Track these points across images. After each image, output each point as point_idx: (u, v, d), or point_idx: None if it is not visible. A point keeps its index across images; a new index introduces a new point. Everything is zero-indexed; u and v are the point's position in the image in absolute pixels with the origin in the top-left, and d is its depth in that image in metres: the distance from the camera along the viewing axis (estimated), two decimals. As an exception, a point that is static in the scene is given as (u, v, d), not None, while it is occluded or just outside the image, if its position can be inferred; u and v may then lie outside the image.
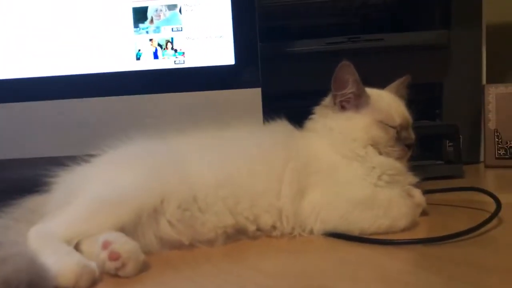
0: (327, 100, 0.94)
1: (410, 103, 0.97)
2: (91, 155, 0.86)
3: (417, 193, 0.88)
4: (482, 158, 1.38)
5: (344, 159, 0.87)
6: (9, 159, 1.05)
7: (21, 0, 1.00)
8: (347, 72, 0.89)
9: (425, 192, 0.92)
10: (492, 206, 0.85)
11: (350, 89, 0.89)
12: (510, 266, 0.66)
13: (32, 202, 0.83)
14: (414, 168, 0.93)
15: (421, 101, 1.30)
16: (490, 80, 1.37)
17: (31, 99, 1.00)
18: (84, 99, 1.00)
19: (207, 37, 1.00)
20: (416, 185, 0.91)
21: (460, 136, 1.27)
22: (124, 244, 0.68)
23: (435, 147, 1.34)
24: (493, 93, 1.33)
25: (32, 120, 1.00)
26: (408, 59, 1.33)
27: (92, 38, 1.01)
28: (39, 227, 0.73)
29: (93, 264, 0.66)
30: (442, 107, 1.37)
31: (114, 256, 0.67)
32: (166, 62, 1.01)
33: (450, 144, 1.29)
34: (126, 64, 1.01)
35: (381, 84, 0.99)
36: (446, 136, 1.29)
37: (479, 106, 1.36)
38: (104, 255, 0.67)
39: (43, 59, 1.01)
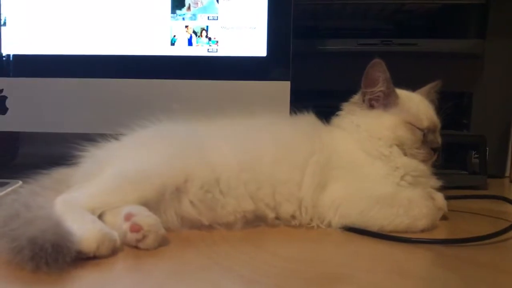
0: (356, 97, 0.95)
1: (439, 111, 0.97)
2: (122, 134, 0.88)
3: (439, 197, 0.88)
4: (508, 173, 1.36)
5: (368, 157, 0.87)
6: (45, 132, 1.09)
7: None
8: (378, 70, 0.89)
9: (447, 197, 0.92)
10: (515, 216, 0.84)
11: (380, 87, 0.90)
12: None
13: (61, 173, 0.85)
14: (437, 175, 0.93)
15: (449, 110, 1.30)
16: (522, 94, 1.35)
17: (69, 76, 1.03)
18: (119, 79, 1.03)
19: (241, 27, 1.02)
20: (439, 190, 0.91)
21: (487, 148, 1.25)
22: (146, 217, 0.70)
23: (460, 157, 1.33)
24: (524, 107, 1.31)
25: (69, 96, 1.03)
26: (440, 66, 1.31)
27: (131, 21, 1.03)
28: (66, 196, 0.76)
29: (115, 233, 0.68)
30: (470, 117, 1.36)
31: (135, 228, 0.69)
32: (200, 49, 1.03)
33: (476, 155, 1.27)
34: (161, 48, 1.03)
35: (411, 89, 0.99)
36: (473, 146, 1.28)
37: (509, 119, 1.34)
38: (126, 226, 0.69)
39: (83, 38, 1.04)
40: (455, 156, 1.34)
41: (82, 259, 0.63)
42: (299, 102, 1.00)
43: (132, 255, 0.68)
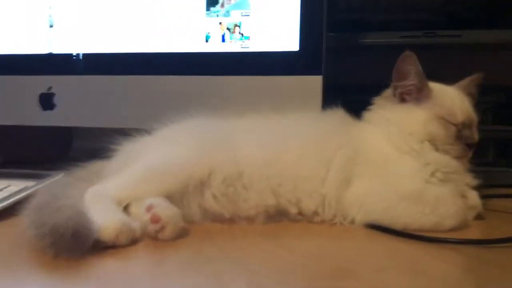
0: (388, 91, 0.92)
1: (479, 104, 0.92)
2: (155, 129, 0.92)
3: (473, 195, 0.84)
4: None
5: (397, 151, 0.85)
6: (85, 127, 1.16)
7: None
8: (409, 63, 0.86)
9: (487, 196, 0.87)
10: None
11: (411, 81, 0.87)
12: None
13: (97, 166, 0.90)
14: (484, 173, 0.88)
15: (503, 104, 1.23)
16: None
17: (110, 73, 1.08)
18: (155, 76, 1.06)
19: (274, 22, 1.02)
20: (478, 188, 0.86)
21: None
22: (165, 209, 0.73)
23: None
24: None
25: (108, 93, 1.08)
26: (490, 58, 1.25)
27: (169, 20, 1.06)
28: (96, 187, 0.80)
29: (135, 224, 0.71)
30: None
31: (155, 219, 0.71)
32: (233, 45, 1.04)
33: (529, 152, 1.20)
34: (196, 45, 1.06)
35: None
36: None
37: None
38: (147, 217, 0.72)
39: (122, 37, 1.08)
40: (506, 152, 1.27)
41: (102, 247, 0.66)
42: (335, 97, 0.99)
43: (151, 246, 0.70)
